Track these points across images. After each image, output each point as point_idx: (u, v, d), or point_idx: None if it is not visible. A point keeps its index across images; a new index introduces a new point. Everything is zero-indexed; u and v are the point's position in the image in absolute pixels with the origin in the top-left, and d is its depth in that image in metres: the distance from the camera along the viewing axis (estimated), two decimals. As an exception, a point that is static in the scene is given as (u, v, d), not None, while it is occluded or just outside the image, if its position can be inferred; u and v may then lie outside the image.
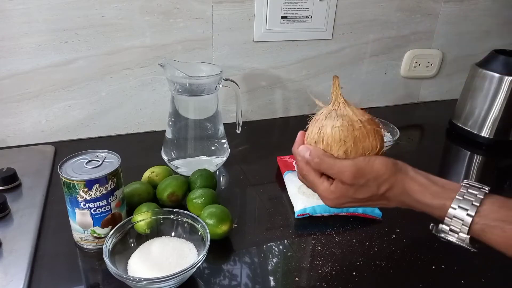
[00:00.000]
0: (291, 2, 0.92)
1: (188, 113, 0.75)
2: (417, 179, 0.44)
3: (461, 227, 0.41)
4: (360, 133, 0.46)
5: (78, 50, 0.81)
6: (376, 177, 0.45)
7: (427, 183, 0.44)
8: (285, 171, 0.76)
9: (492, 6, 1.13)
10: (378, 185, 0.45)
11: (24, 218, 0.62)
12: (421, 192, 0.44)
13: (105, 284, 0.52)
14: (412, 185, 0.44)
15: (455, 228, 0.41)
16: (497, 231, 0.39)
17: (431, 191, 0.43)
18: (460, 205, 0.41)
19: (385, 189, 0.45)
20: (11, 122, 0.83)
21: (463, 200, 0.41)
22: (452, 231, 0.42)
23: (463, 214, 0.41)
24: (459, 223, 0.41)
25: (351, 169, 0.45)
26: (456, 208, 0.41)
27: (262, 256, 0.58)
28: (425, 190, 0.44)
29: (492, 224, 0.39)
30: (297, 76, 1.02)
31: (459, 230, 0.41)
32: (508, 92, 0.90)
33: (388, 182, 0.45)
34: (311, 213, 0.65)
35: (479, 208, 0.40)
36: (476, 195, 0.41)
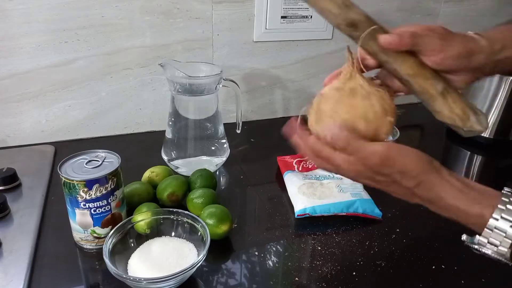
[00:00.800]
0: (291, 2, 0.92)
1: (188, 113, 0.75)
2: (452, 182, 0.40)
3: (503, 240, 0.37)
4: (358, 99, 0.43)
5: (78, 50, 0.81)
6: (402, 171, 0.41)
7: (463, 188, 0.40)
8: (285, 171, 0.76)
9: (492, 6, 1.13)
10: (402, 178, 0.41)
11: (24, 218, 0.62)
12: (456, 197, 0.40)
13: (105, 284, 0.52)
14: (447, 188, 0.40)
15: (495, 241, 0.38)
16: None
17: (468, 197, 0.39)
18: (503, 215, 0.37)
19: (412, 184, 0.41)
20: (11, 122, 0.83)
21: (506, 211, 0.37)
22: (490, 244, 0.38)
23: (506, 226, 0.37)
24: (500, 235, 0.37)
25: (380, 155, 0.40)
26: (498, 219, 0.37)
27: (262, 256, 0.58)
28: (462, 195, 0.39)
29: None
30: (297, 76, 1.02)
31: (500, 243, 0.38)
32: (508, 92, 0.90)
33: (417, 179, 0.41)
34: (311, 213, 0.65)
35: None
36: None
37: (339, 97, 0.44)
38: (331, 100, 0.44)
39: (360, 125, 0.43)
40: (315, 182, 0.72)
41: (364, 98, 0.43)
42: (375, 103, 0.43)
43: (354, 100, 0.43)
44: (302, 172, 0.76)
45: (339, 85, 0.45)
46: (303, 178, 0.73)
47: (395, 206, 0.69)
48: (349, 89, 0.43)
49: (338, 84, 0.45)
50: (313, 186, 0.70)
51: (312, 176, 0.74)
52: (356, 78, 0.44)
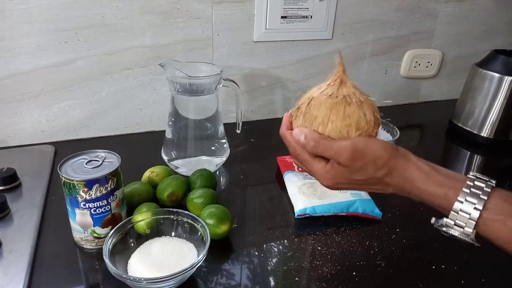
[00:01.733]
0: (291, 2, 0.92)
1: (188, 113, 0.75)
2: (419, 166, 0.43)
3: (468, 222, 0.39)
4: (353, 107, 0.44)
5: (78, 50, 0.81)
6: (374, 160, 0.43)
7: (430, 171, 0.42)
8: (285, 171, 0.76)
9: (492, 6, 1.13)
10: (376, 168, 0.43)
11: (24, 218, 0.62)
12: (423, 180, 0.42)
13: (105, 284, 0.52)
14: (414, 172, 0.42)
15: (461, 222, 0.40)
16: (499, 224, 0.38)
17: (434, 179, 0.41)
18: (467, 198, 0.39)
19: (383, 173, 0.43)
20: (11, 122, 0.83)
21: (470, 194, 0.39)
22: (457, 225, 0.40)
23: (470, 208, 0.39)
24: (465, 217, 0.39)
25: (349, 150, 0.43)
26: (463, 202, 0.39)
27: (262, 256, 0.58)
28: (428, 178, 0.42)
29: (494, 218, 0.38)
30: (297, 76, 1.02)
31: (465, 225, 0.39)
32: (508, 92, 0.90)
33: (386, 167, 0.43)
34: (311, 213, 0.65)
35: (486, 202, 0.38)
36: (483, 188, 0.39)
37: (332, 104, 0.44)
38: (324, 106, 0.45)
39: (352, 133, 0.44)
40: (315, 182, 0.71)
41: (358, 107, 0.44)
42: (367, 112, 0.44)
43: (348, 108, 0.44)
44: (302, 172, 0.76)
45: (331, 90, 0.45)
46: (303, 178, 0.73)
47: (395, 206, 0.69)
48: (342, 97, 0.44)
49: (329, 89, 0.45)
50: (313, 186, 0.70)
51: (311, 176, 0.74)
52: (347, 85, 0.46)
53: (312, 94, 0.46)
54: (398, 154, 0.43)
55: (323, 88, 0.46)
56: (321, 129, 0.45)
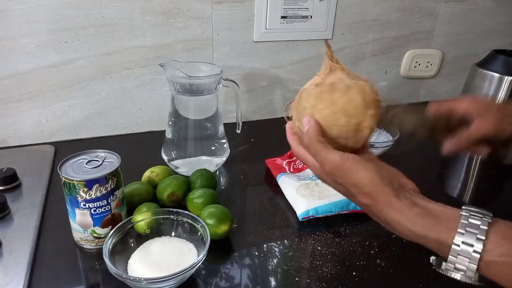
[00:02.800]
0: (291, 2, 0.92)
1: (188, 113, 0.75)
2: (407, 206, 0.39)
3: (468, 265, 0.36)
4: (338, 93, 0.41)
5: (78, 50, 0.81)
6: (355, 184, 0.41)
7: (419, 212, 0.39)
8: (277, 174, 0.75)
9: (492, 6, 1.13)
10: (358, 193, 0.41)
11: (24, 218, 0.62)
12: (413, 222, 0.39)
13: (105, 284, 0.52)
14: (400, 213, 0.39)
15: (461, 266, 0.37)
16: (503, 267, 0.35)
17: (425, 222, 0.38)
18: (464, 240, 0.36)
19: (367, 202, 0.41)
20: (11, 122, 0.83)
21: (467, 234, 0.36)
22: (457, 270, 0.37)
23: (469, 250, 0.36)
24: (465, 261, 0.36)
25: (332, 164, 0.41)
26: (460, 245, 0.36)
27: (262, 256, 0.58)
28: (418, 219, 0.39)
29: (497, 261, 0.35)
30: (297, 76, 1.02)
31: (466, 269, 0.36)
32: (508, 92, 0.90)
33: (370, 198, 0.41)
34: (314, 215, 0.65)
35: (484, 242, 0.35)
36: (479, 225, 0.36)
37: (319, 93, 0.43)
38: (311, 96, 0.43)
39: (340, 120, 0.42)
40: (310, 183, 0.71)
41: (343, 92, 0.41)
42: (354, 97, 0.41)
43: (333, 95, 0.42)
44: (294, 173, 0.76)
45: (319, 80, 0.44)
46: (298, 179, 0.73)
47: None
48: (329, 84, 0.42)
49: (318, 79, 0.44)
50: (309, 186, 0.70)
51: (306, 177, 0.74)
52: (335, 72, 0.43)
53: (304, 87, 0.46)
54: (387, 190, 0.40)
55: (313, 79, 0.45)
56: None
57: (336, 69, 0.44)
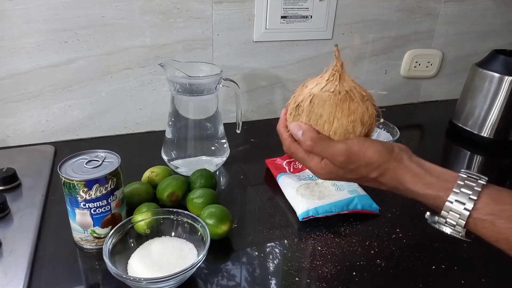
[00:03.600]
0: (291, 2, 0.92)
1: (188, 113, 0.75)
2: (410, 168, 0.44)
3: (458, 221, 0.40)
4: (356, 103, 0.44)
5: (78, 50, 0.81)
6: (367, 163, 0.44)
7: (421, 172, 0.43)
8: (277, 174, 0.75)
9: (492, 6, 1.13)
10: (368, 171, 0.45)
11: (24, 218, 0.62)
12: (414, 182, 0.43)
13: (105, 284, 0.52)
14: (405, 174, 0.44)
15: (452, 221, 0.41)
16: (488, 224, 0.39)
17: (424, 181, 0.43)
18: (457, 198, 0.40)
19: (376, 174, 0.45)
20: (11, 122, 0.83)
21: (460, 193, 0.40)
22: (448, 224, 0.42)
23: (460, 208, 0.40)
24: (455, 216, 0.41)
25: (344, 153, 0.44)
26: (453, 202, 0.40)
27: (262, 256, 0.58)
28: (419, 180, 0.43)
29: (483, 218, 0.39)
30: (297, 76, 1.02)
31: (455, 224, 0.41)
32: (508, 92, 0.90)
33: (379, 169, 0.44)
34: (314, 215, 0.65)
35: (476, 201, 0.39)
36: (473, 187, 0.40)
37: (337, 101, 0.44)
38: (328, 103, 0.45)
39: (357, 129, 0.45)
40: (310, 183, 0.71)
41: (361, 102, 0.44)
42: (369, 106, 0.45)
43: (352, 104, 0.44)
44: (294, 173, 0.76)
45: (332, 87, 0.45)
46: (298, 179, 0.73)
47: (395, 206, 0.69)
48: (346, 92, 0.44)
49: (330, 85, 0.45)
50: (309, 186, 0.70)
51: (306, 177, 0.74)
52: (346, 80, 0.46)
53: (312, 91, 0.46)
54: (392, 157, 0.45)
55: (323, 84, 0.46)
56: (327, 127, 0.45)
57: (345, 76, 0.46)
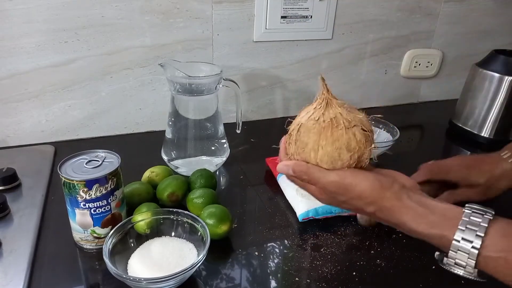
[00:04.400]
0: (291, 2, 0.92)
1: (188, 113, 0.75)
2: (411, 207, 0.41)
3: (467, 261, 0.38)
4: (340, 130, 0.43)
5: (78, 50, 0.81)
6: (359, 197, 0.43)
7: (423, 212, 0.41)
8: (277, 173, 0.75)
9: (492, 6, 1.13)
10: (363, 204, 0.43)
11: (24, 218, 0.62)
12: (416, 222, 0.41)
13: (105, 284, 0.52)
14: (405, 214, 0.41)
15: (461, 262, 0.38)
16: (501, 262, 0.37)
17: (427, 221, 0.40)
18: (463, 236, 0.38)
19: (373, 209, 0.43)
20: (11, 122, 0.83)
21: (467, 231, 0.38)
22: (457, 265, 0.39)
23: (468, 246, 0.37)
24: (464, 256, 0.38)
25: (335, 184, 0.44)
26: (460, 241, 0.38)
27: (262, 256, 0.58)
28: (421, 220, 0.40)
29: (495, 256, 0.37)
30: (297, 76, 1.02)
31: (465, 264, 0.38)
32: (508, 92, 0.90)
33: (375, 205, 0.43)
34: (314, 216, 0.64)
35: (483, 238, 0.37)
36: (480, 223, 0.38)
37: (320, 129, 0.44)
38: (312, 132, 0.44)
39: (344, 156, 0.44)
40: None
41: (346, 129, 0.43)
42: (356, 132, 0.44)
43: (336, 131, 0.43)
44: None
45: (318, 115, 0.45)
46: None
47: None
48: (330, 120, 0.44)
49: (316, 113, 0.45)
50: (309, 187, 0.70)
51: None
52: (333, 106, 0.45)
53: (300, 120, 0.46)
54: (388, 193, 0.42)
55: (311, 113, 0.46)
56: (313, 155, 0.45)
57: (333, 102, 0.45)
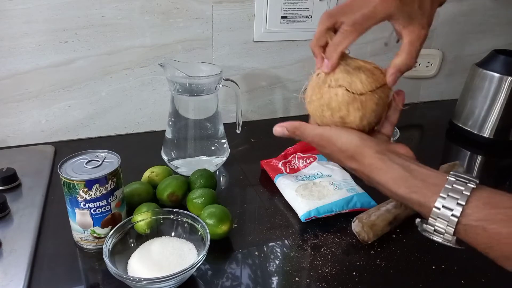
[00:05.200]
0: (291, 2, 0.92)
1: (188, 113, 0.75)
2: (391, 168, 0.40)
3: (446, 228, 0.37)
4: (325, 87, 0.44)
5: (78, 50, 0.81)
6: (340, 150, 0.44)
7: (403, 175, 0.40)
8: (274, 175, 0.75)
9: (492, 6, 1.13)
10: (344, 157, 0.44)
11: (24, 218, 0.62)
12: (395, 184, 0.40)
13: (105, 284, 0.52)
14: (383, 174, 0.41)
15: (440, 229, 0.38)
16: (479, 230, 0.36)
17: (407, 184, 0.39)
18: (444, 204, 0.37)
19: (354, 166, 0.44)
20: (11, 122, 0.83)
21: (448, 198, 0.37)
22: (436, 232, 0.38)
23: (448, 214, 0.37)
24: (444, 223, 0.37)
25: (319, 138, 0.46)
26: (440, 208, 0.37)
27: (262, 256, 0.58)
28: (401, 183, 0.40)
29: (474, 224, 0.36)
30: (297, 76, 1.02)
31: (444, 231, 0.38)
32: (508, 92, 0.90)
33: (355, 160, 0.43)
34: (316, 215, 0.64)
35: (464, 207, 0.36)
36: (462, 191, 0.36)
37: (315, 84, 0.46)
38: (310, 86, 0.48)
39: (326, 113, 0.45)
40: (308, 183, 0.71)
41: (329, 87, 0.44)
42: (339, 92, 0.44)
43: (322, 88, 0.45)
44: (291, 173, 0.76)
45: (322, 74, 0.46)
46: (296, 180, 0.72)
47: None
48: (323, 79, 0.45)
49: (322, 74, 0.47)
50: (308, 187, 0.70)
51: (303, 177, 0.74)
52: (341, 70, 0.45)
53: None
54: (369, 152, 0.42)
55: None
56: (308, 107, 0.47)
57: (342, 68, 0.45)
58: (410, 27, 0.42)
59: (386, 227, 0.61)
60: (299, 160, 0.79)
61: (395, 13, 0.41)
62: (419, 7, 0.42)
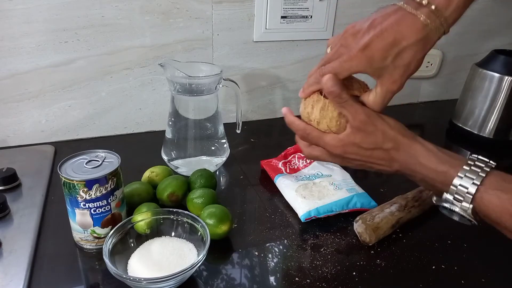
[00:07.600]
0: (291, 2, 0.92)
1: (188, 113, 0.75)
2: (424, 144, 0.46)
3: (465, 196, 0.42)
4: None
5: (78, 50, 0.81)
6: (384, 130, 0.47)
7: (434, 150, 0.46)
8: (274, 175, 0.75)
9: (492, 6, 1.13)
10: (384, 139, 0.47)
11: (24, 218, 0.62)
12: (427, 157, 0.45)
13: (105, 284, 0.52)
14: (419, 148, 0.46)
15: (459, 196, 0.42)
16: (493, 198, 0.40)
17: (437, 157, 0.45)
18: (466, 174, 0.42)
19: (390, 146, 0.47)
20: (11, 122, 0.83)
21: (470, 171, 0.42)
22: (455, 200, 0.43)
23: (468, 183, 0.41)
24: (463, 191, 0.42)
25: (365, 111, 0.47)
26: (463, 177, 0.42)
27: (262, 256, 0.58)
28: (432, 155, 0.45)
29: (490, 192, 0.41)
30: (297, 76, 1.02)
31: (463, 199, 0.42)
32: (508, 92, 0.90)
33: (394, 141, 0.47)
34: (316, 215, 0.64)
35: (484, 179, 0.41)
36: (483, 167, 0.42)
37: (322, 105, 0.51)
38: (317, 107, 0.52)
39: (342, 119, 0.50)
40: (308, 183, 0.71)
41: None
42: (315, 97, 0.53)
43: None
44: (291, 173, 0.76)
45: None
46: (296, 180, 0.72)
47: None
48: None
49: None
50: (308, 187, 0.70)
51: (303, 177, 0.74)
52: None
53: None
54: (406, 132, 0.48)
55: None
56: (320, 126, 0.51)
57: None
58: (380, 80, 0.47)
59: (389, 230, 0.61)
60: (299, 160, 0.79)
61: (366, 70, 0.46)
62: (393, 61, 0.45)
